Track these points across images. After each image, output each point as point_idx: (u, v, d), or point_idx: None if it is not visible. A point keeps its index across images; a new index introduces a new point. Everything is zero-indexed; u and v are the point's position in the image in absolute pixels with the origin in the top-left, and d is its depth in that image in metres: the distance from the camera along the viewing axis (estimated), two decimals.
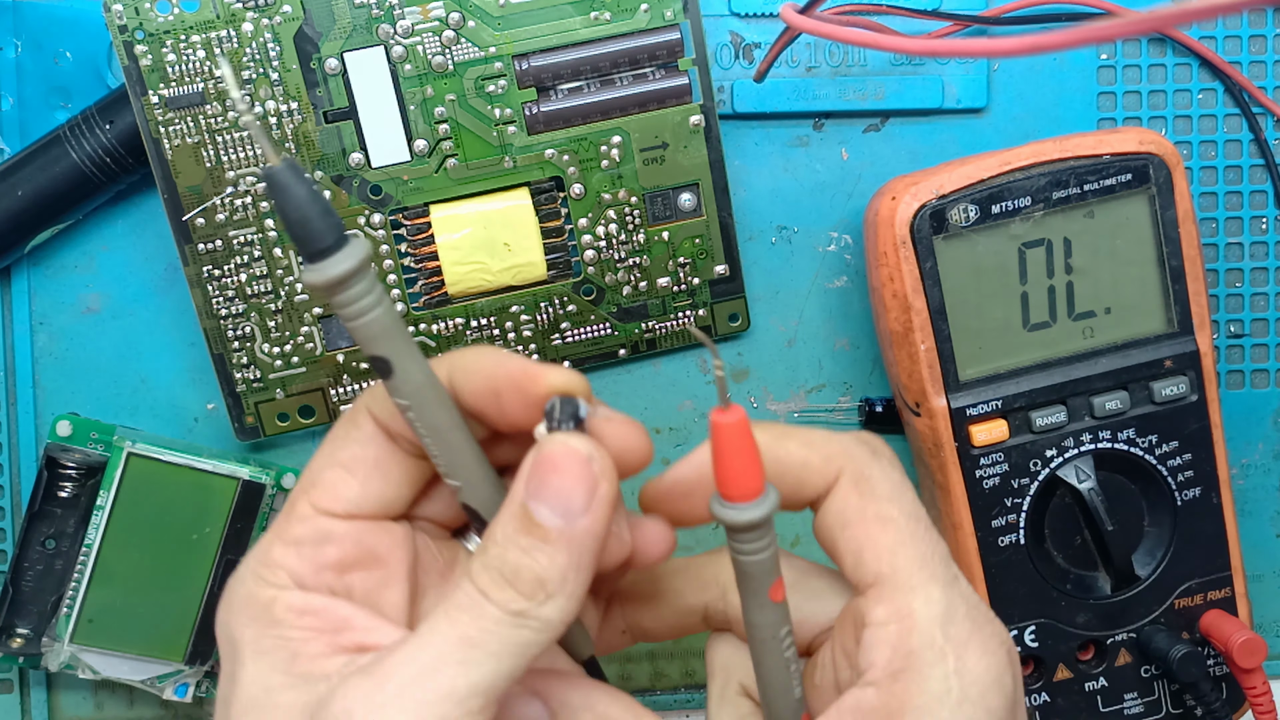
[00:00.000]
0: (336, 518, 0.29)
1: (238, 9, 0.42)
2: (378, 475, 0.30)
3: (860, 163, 0.47)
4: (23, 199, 0.43)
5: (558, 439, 0.27)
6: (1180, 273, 0.42)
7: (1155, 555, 0.43)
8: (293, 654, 0.28)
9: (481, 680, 0.26)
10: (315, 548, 0.29)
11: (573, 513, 0.27)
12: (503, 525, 0.27)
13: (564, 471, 0.27)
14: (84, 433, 0.45)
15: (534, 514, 0.27)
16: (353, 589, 0.30)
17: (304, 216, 0.25)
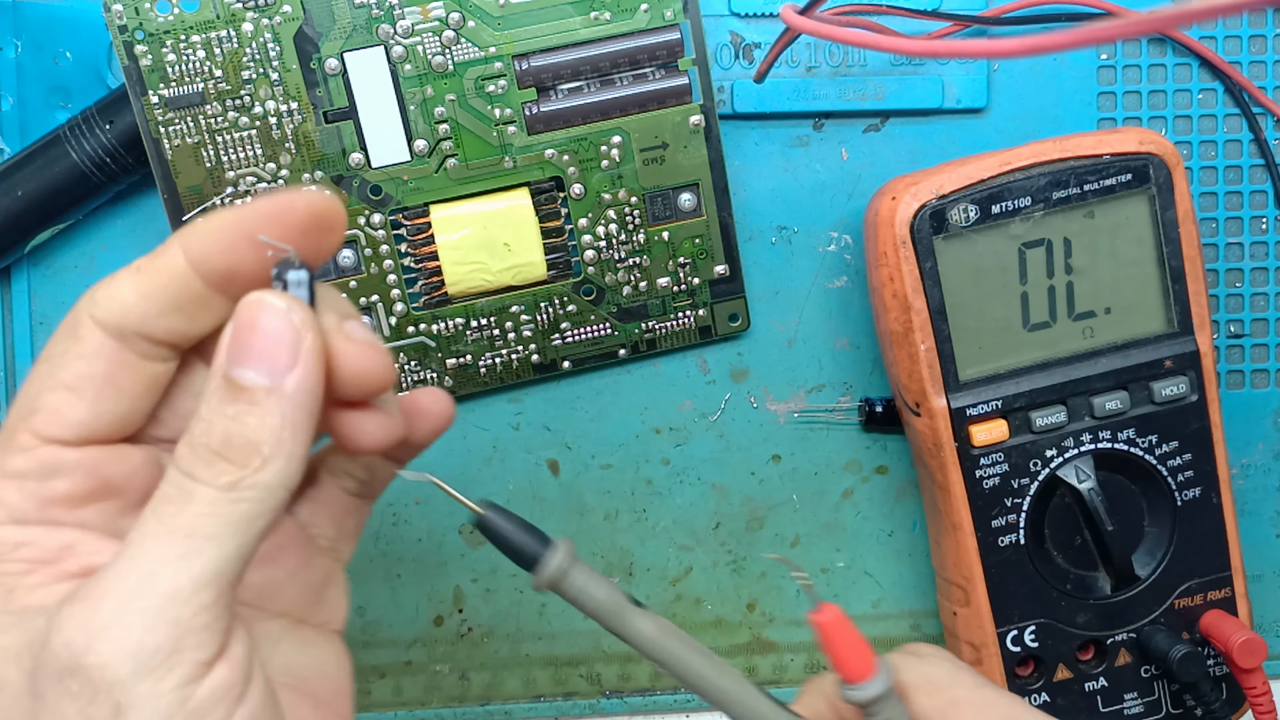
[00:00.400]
0: (65, 445, 0.26)
1: (238, 9, 0.42)
2: (109, 393, 0.27)
3: (860, 163, 0.47)
4: (22, 199, 0.43)
5: (251, 297, 0.25)
6: (1180, 273, 0.42)
7: (1155, 555, 0.43)
8: (8, 590, 0.26)
9: (206, 569, 0.24)
10: (40, 482, 0.26)
11: (278, 369, 0.25)
12: (206, 400, 0.25)
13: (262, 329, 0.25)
14: None
15: (238, 378, 0.25)
16: (87, 523, 0.27)
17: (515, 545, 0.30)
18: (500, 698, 0.49)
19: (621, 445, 0.48)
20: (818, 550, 0.49)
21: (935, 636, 0.49)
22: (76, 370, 0.26)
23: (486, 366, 0.46)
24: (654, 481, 0.48)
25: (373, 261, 0.44)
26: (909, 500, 0.49)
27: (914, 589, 0.49)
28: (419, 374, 0.46)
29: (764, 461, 0.48)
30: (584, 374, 0.47)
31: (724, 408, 0.48)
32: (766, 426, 0.48)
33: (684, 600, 0.49)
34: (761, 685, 0.34)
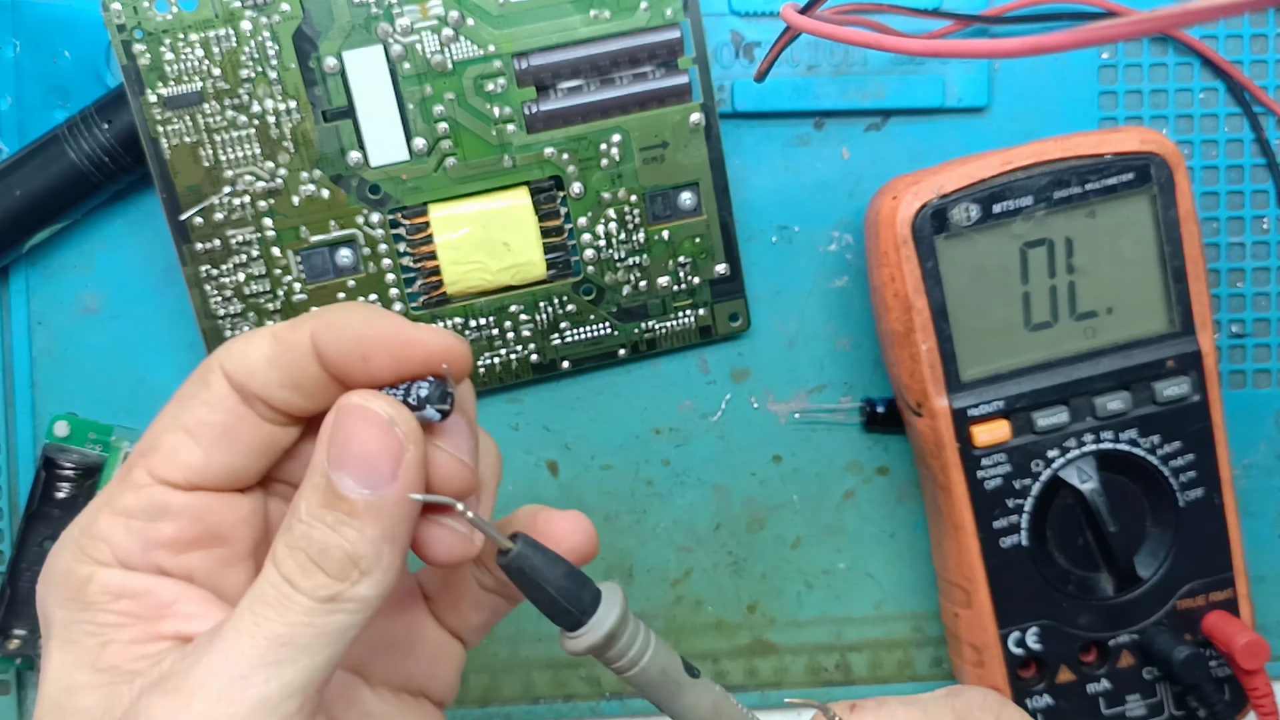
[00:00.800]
0: (176, 488, 0.27)
1: (236, 8, 0.41)
2: (225, 443, 0.27)
3: (861, 162, 0.47)
4: (21, 199, 0.43)
5: (353, 400, 0.25)
6: (1182, 272, 0.42)
7: (1157, 556, 0.43)
8: (103, 643, 0.25)
9: (297, 679, 0.24)
10: (147, 522, 0.26)
11: (379, 481, 0.25)
12: (305, 499, 0.25)
13: (364, 438, 0.25)
14: (82, 433, 0.44)
15: (337, 485, 0.25)
16: (192, 570, 0.27)
17: (551, 597, 0.26)
18: (499, 700, 0.49)
19: (621, 446, 0.48)
20: (819, 551, 0.49)
21: (937, 638, 0.49)
22: (198, 416, 0.27)
23: (486, 366, 0.46)
24: (654, 482, 0.48)
25: (371, 261, 0.44)
26: (910, 501, 0.49)
27: (916, 590, 0.49)
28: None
29: (765, 462, 0.48)
30: (584, 374, 0.47)
31: (724, 408, 0.48)
32: (767, 427, 0.48)
33: (684, 602, 0.49)
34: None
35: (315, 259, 0.44)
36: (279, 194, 0.43)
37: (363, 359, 0.26)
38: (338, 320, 0.26)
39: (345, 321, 0.26)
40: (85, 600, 0.26)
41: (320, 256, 0.44)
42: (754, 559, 0.49)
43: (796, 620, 0.49)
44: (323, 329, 0.26)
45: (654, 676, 0.27)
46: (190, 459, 0.27)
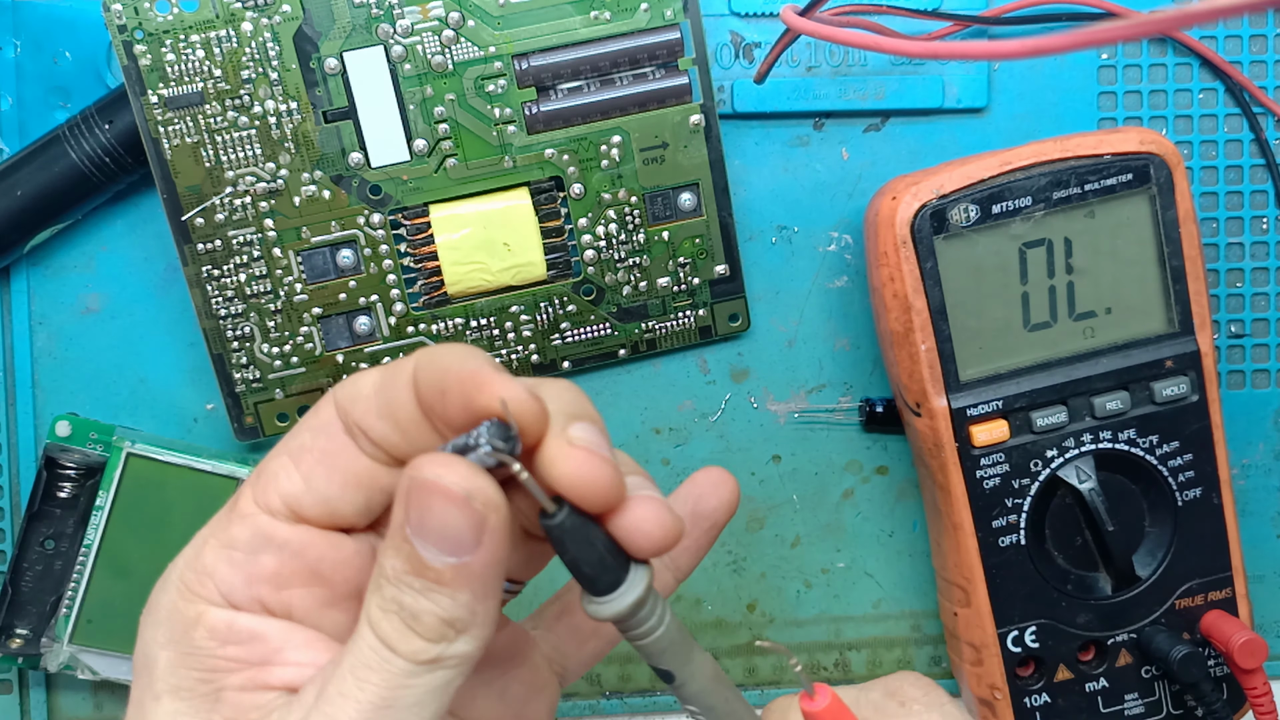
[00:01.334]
0: (278, 519, 0.26)
1: (237, 9, 0.41)
2: (323, 471, 0.26)
3: (860, 162, 0.47)
4: (22, 199, 0.43)
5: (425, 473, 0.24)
6: (1181, 273, 0.42)
7: (1156, 556, 0.43)
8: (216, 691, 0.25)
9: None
10: (250, 555, 0.26)
11: (463, 549, 0.24)
12: (390, 560, 0.24)
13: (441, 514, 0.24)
14: (83, 433, 0.45)
15: (423, 556, 0.24)
16: (291, 606, 0.26)
17: (590, 562, 0.25)
18: None
19: (621, 445, 0.48)
20: (818, 551, 0.49)
21: (935, 637, 0.49)
22: (302, 440, 0.26)
23: None
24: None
25: (372, 261, 0.44)
26: (909, 500, 0.49)
27: (914, 589, 0.49)
28: None
29: (764, 462, 0.48)
30: (584, 374, 0.47)
31: (724, 408, 0.48)
32: (767, 427, 0.48)
33: (684, 601, 0.49)
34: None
35: (316, 259, 0.44)
36: (280, 194, 0.43)
37: (441, 394, 0.25)
38: (435, 353, 0.26)
39: (439, 355, 0.25)
40: (192, 643, 0.25)
41: (321, 257, 0.44)
42: (753, 558, 0.49)
43: (796, 619, 0.49)
44: (423, 362, 0.26)
45: (674, 638, 0.27)
46: (289, 484, 0.26)
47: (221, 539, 0.26)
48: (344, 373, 0.45)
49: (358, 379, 0.27)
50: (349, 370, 0.45)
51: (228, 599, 0.26)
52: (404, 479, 0.24)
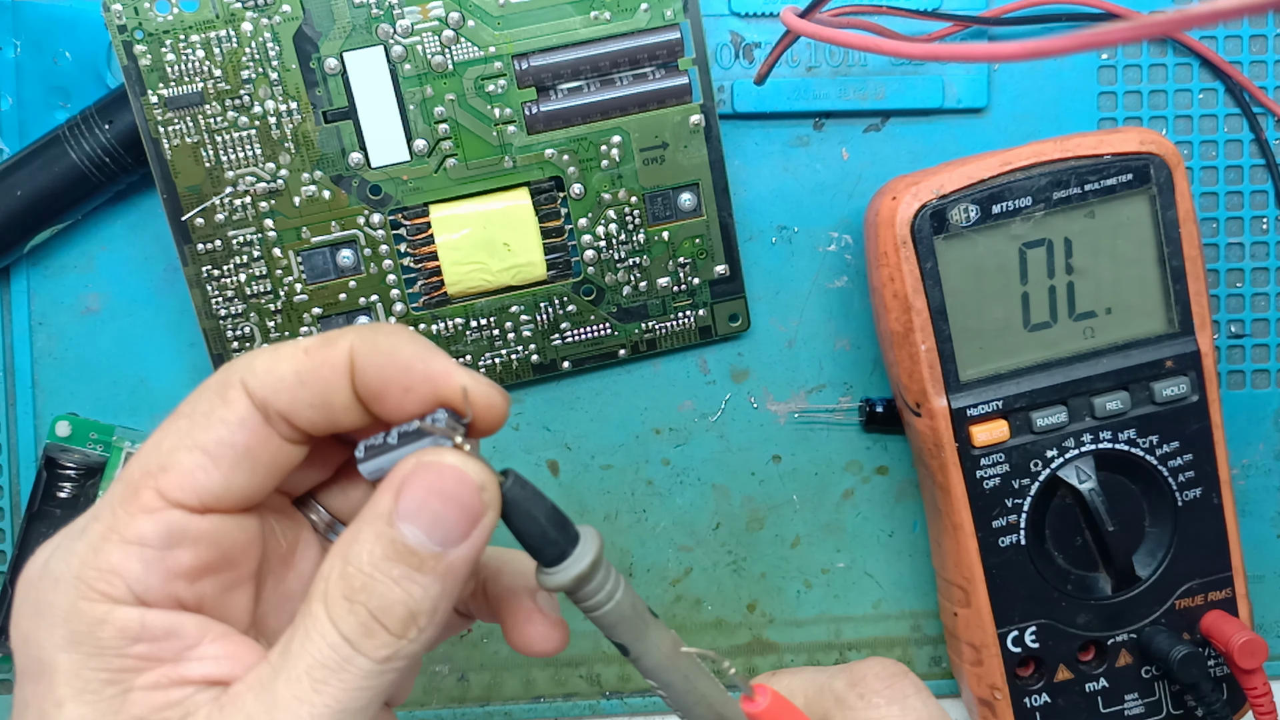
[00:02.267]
0: (191, 511, 0.25)
1: (237, 9, 0.41)
2: (245, 465, 0.25)
3: (860, 163, 0.47)
4: (22, 199, 0.43)
5: (450, 457, 0.24)
6: (1181, 273, 0.42)
7: (1156, 556, 0.43)
8: (124, 692, 0.24)
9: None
10: (165, 551, 0.24)
11: (451, 539, 0.24)
12: (368, 548, 0.24)
13: (451, 497, 0.24)
14: (83, 433, 0.45)
15: (406, 538, 0.24)
16: (203, 597, 0.26)
17: (537, 530, 0.26)
18: (500, 699, 0.49)
19: (621, 445, 0.48)
20: (818, 551, 0.49)
21: (935, 637, 0.49)
22: (218, 435, 0.25)
23: (486, 367, 0.46)
24: (654, 482, 0.48)
25: (372, 261, 0.44)
26: (909, 501, 0.49)
27: (914, 589, 0.49)
28: None
29: (764, 462, 0.48)
30: (584, 374, 0.47)
31: (724, 408, 0.48)
32: (767, 427, 0.48)
33: (684, 601, 0.49)
34: None
35: (316, 259, 0.44)
36: (280, 194, 0.43)
37: (404, 390, 0.25)
38: (382, 343, 0.25)
39: (391, 346, 0.25)
40: (99, 644, 0.24)
41: (321, 257, 0.44)
42: (753, 558, 0.49)
43: (796, 619, 0.49)
44: (366, 350, 0.25)
45: (625, 613, 0.27)
46: (209, 482, 0.25)
47: (128, 535, 0.24)
48: None
49: (272, 364, 0.25)
50: None
51: (140, 597, 0.24)
52: (404, 469, 0.24)
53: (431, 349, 0.26)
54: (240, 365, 0.25)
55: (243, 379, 0.25)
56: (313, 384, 0.25)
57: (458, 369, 0.25)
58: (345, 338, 0.25)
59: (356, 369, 0.25)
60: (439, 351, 0.26)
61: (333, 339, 0.26)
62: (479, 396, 0.25)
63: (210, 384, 0.26)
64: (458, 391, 0.25)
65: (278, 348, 0.26)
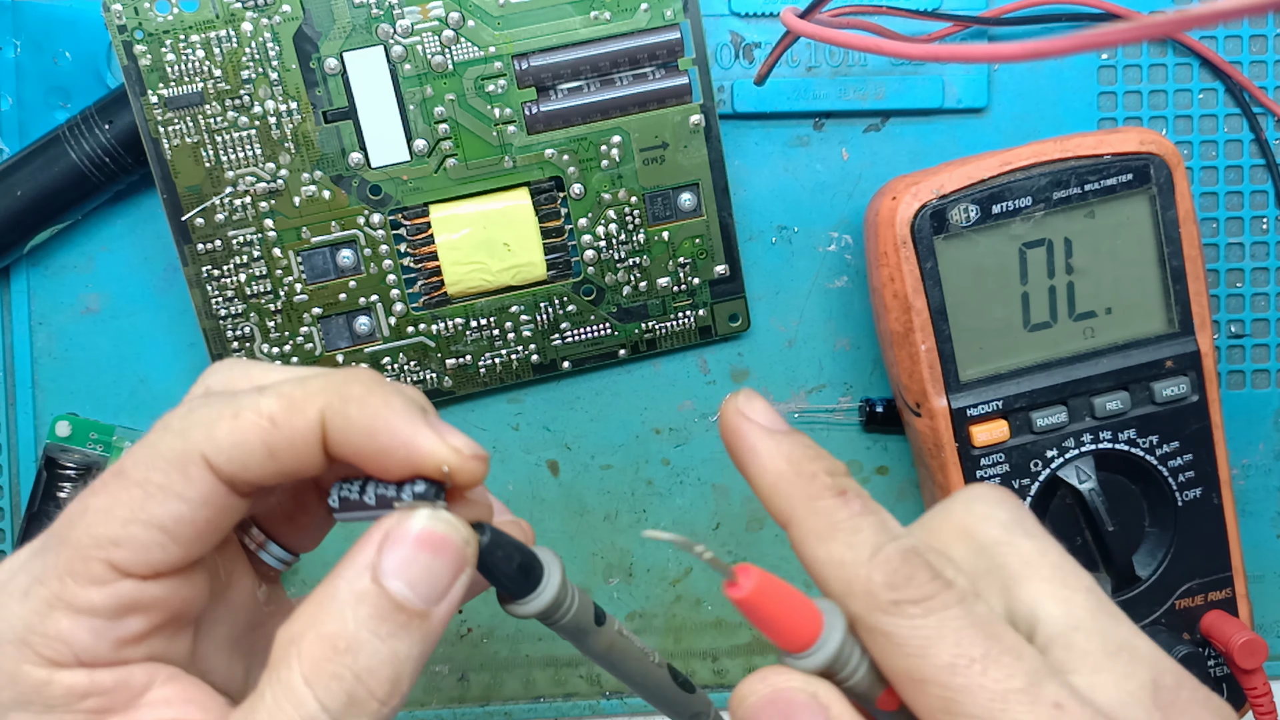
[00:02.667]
0: (142, 579, 0.24)
1: (237, 9, 0.41)
2: (204, 538, 0.24)
3: (860, 163, 0.47)
4: (22, 199, 0.43)
5: (440, 515, 0.24)
6: (1181, 273, 0.42)
7: (1156, 556, 0.43)
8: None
9: None
10: (114, 620, 0.24)
11: (434, 596, 0.24)
12: (351, 604, 0.23)
13: (438, 552, 0.24)
14: (83, 433, 0.45)
15: (394, 593, 0.23)
16: (150, 651, 0.25)
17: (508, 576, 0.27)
18: (500, 698, 0.49)
19: (621, 445, 0.48)
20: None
21: None
22: (176, 513, 0.24)
23: (486, 366, 0.46)
24: (654, 482, 0.48)
25: (372, 261, 0.44)
26: (910, 501, 0.49)
27: None
28: (419, 374, 0.45)
29: None
30: (584, 374, 0.47)
31: None
32: None
33: (684, 601, 0.49)
34: None
35: (316, 259, 0.44)
36: (280, 195, 0.43)
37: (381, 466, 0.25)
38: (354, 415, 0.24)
39: (366, 418, 0.24)
40: (48, 702, 0.23)
41: (321, 257, 0.44)
42: (753, 558, 0.49)
43: None
44: (339, 422, 0.24)
45: (580, 622, 0.29)
46: (165, 556, 0.24)
47: (78, 605, 0.23)
48: None
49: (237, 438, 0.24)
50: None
51: (84, 661, 0.24)
52: (387, 521, 0.24)
53: (409, 416, 0.24)
54: (199, 436, 0.24)
55: (205, 454, 0.24)
56: (284, 456, 0.24)
57: (437, 442, 0.24)
58: (314, 402, 0.24)
59: (329, 437, 0.24)
60: (417, 417, 0.25)
61: (299, 405, 0.24)
62: (460, 473, 0.25)
63: (167, 451, 0.24)
64: (438, 469, 0.24)
65: (238, 412, 0.24)
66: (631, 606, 0.49)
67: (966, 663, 0.22)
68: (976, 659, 0.22)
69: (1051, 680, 0.22)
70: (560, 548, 0.48)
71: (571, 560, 0.48)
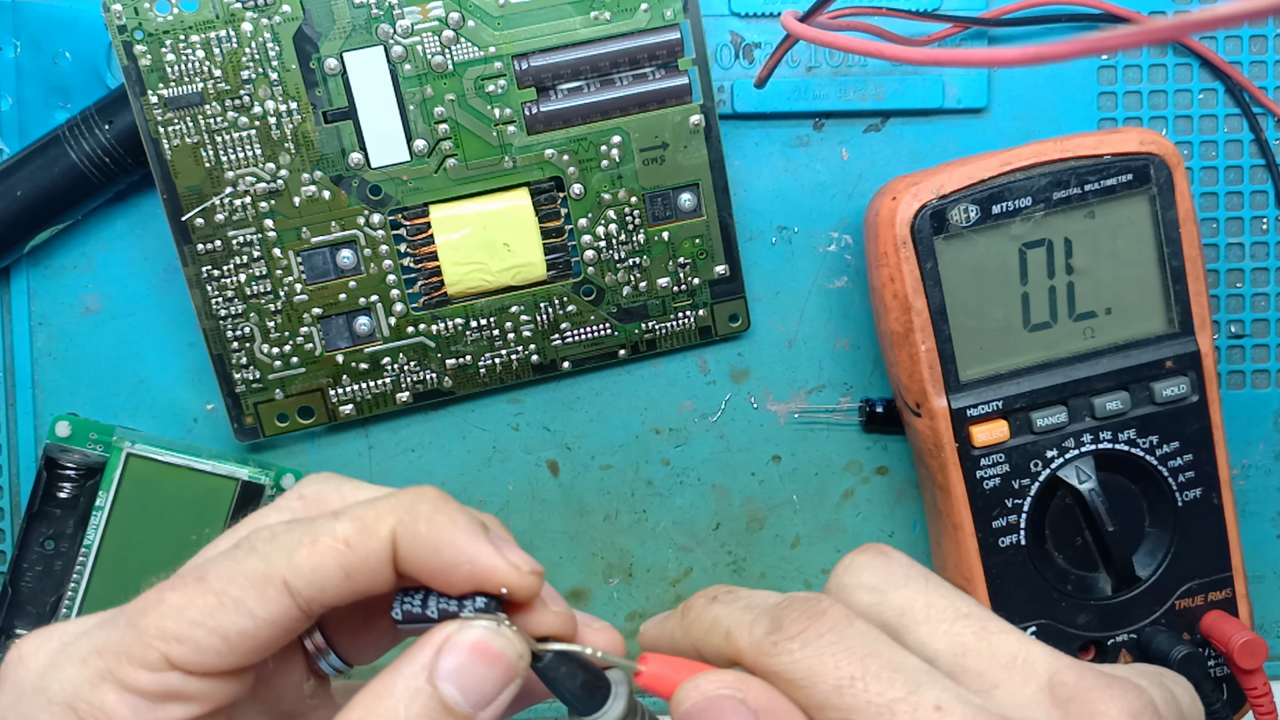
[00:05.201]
0: (191, 674, 0.26)
1: (237, 9, 0.41)
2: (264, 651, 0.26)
3: (860, 163, 0.47)
4: (22, 199, 0.43)
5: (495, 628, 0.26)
6: (1181, 273, 0.42)
7: (1156, 556, 0.43)
8: None
9: None
10: (157, 704, 0.25)
11: (481, 702, 0.26)
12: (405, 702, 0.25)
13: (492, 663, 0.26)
14: (83, 433, 0.45)
15: (446, 696, 0.25)
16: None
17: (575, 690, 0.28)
18: None
19: (621, 446, 0.48)
20: (818, 551, 0.49)
21: None
22: (242, 627, 0.25)
23: (486, 367, 0.46)
24: (654, 482, 0.48)
25: (372, 261, 0.44)
26: (909, 501, 0.49)
27: None
28: (419, 374, 0.45)
29: (764, 462, 0.48)
30: (584, 374, 0.47)
31: (724, 408, 0.48)
32: (767, 427, 0.48)
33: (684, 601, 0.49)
34: None
35: (316, 259, 0.44)
36: (280, 195, 0.43)
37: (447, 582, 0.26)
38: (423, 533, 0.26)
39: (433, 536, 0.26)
40: None
41: (321, 257, 0.44)
42: (753, 558, 0.49)
43: None
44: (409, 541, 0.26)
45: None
46: (221, 663, 0.26)
47: (126, 683, 0.25)
48: (343, 373, 0.45)
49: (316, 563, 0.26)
50: (349, 371, 0.45)
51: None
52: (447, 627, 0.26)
53: (473, 533, 0.26)
54: (281, 561, 0.26)
55: (285, 579, 0.25)
56: (359, 578, 0.26)
57: (497, 560, 0.26)
58: (385, 522, 0.26)
59: (399, 555, 0.26)
60: (479, 534, 0.26)
61: (372, 526, 0.26)
62: (519, 591, 0.26)
63: (249, 570, 0.26)
64: (498, 588, 0.26)
65: (314, 537, 0.26)
66: (631, 606, 0.49)
67: (849, 682, 0.24)
68: (857, 677, 0.24)
69: (933, 686, 0.24)
70: (560, 548, 0.48)
71: (571, 560, 0.48)
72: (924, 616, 0.26)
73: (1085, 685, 0.25)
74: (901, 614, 0.26)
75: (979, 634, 0.26)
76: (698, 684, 0.26)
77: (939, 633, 0.26)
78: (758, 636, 0.26)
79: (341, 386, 0.45)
